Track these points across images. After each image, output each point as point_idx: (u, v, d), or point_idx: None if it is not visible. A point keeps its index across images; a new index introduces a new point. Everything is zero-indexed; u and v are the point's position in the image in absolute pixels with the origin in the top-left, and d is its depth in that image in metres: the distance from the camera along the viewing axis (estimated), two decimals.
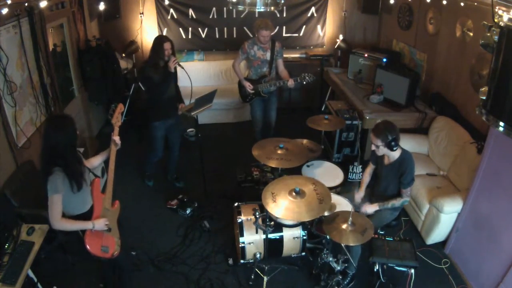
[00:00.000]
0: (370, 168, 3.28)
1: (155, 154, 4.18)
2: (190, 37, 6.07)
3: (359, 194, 3.20)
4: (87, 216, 2.42)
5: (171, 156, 4.32)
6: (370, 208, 2.95)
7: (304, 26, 6.14)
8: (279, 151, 3.26)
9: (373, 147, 2.88)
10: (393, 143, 2.77)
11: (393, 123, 2.87)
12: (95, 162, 2.69)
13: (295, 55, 6.40)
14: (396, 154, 2.91)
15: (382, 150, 2.86)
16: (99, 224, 2.37)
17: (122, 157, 4.59)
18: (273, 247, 3.15)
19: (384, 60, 5.10)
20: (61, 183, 2.22)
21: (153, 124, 3.91)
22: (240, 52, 4.38)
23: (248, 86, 4.38)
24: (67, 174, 2.25)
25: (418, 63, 5.02)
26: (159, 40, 3.63)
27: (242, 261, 3.24)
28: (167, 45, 3.60)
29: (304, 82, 4.19)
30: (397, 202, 2.92)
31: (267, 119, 4.73)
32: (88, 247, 2.32)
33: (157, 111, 3.86)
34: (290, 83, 4.23)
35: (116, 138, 2.63)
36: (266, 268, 3.12)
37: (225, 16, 5.94)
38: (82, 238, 2.34)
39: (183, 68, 3.71)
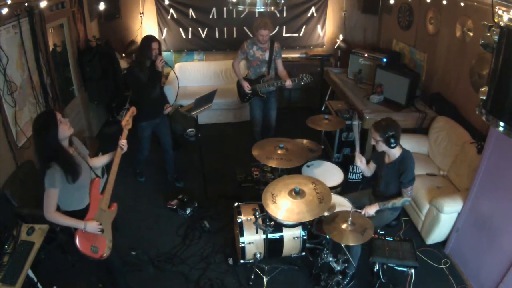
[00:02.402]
0: (371, 166, 3.24)
1: (142, 153, 4.22)
2: (190, 37, 6.07)
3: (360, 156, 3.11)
4: (83, 213, 2.40)
5: (166, 156, 4.32)
6: (371, 209, 2.94)
7: (304, 26, 6.14)
8: (279, 151, 3.26)
9: (373, 142, 2.90)
10: (391, 139, 2.77)
11: (395, 120, 2.87)
12: (99, 162, 2.67)
13: (295, 55, 6.40)
14: (396, 153, 2.90)
15: (381, 146, 2.86)
16: (92, 226, 2.34)
17: (123, 158, 4.61)
18: (273, 247, 3.16)
19: (384, 60, 5.09)
20: (59, 178, 2.22)
21: (140, 124, 3.91)
22: (240, 52, 4.39)
23: (247, 87, 4.39)
24: (63, 167, 2.24)
25: (418, 63, 5.02)
26: (147, 40, 3.65)
27: (242, 261, 3.24)
28: (155, 45, 3.61)
29: (302, 83, 4.19)
30: (397, 202, 2.91)
31: (267, 120, 4.72)
32: (77, 244, 2.29)
33: (143, 111, 3.85)
34: (288, 83, 4.23)
35: (123, 141, 2.60)
36: (266, 268, 3.12)
37: (225, 16, 5.95)
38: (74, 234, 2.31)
39: (170, 66, 3.74)
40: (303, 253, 3.27)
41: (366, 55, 5.34)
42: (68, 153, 2.34)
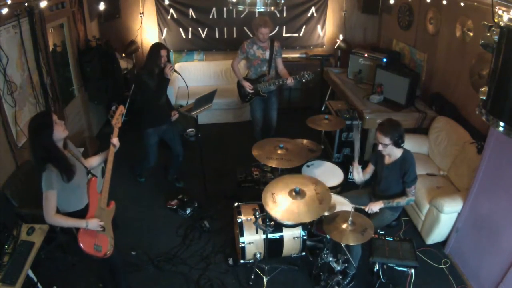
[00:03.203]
0: (369, 168, 3.26)
1: (148, 161, 4.17)
2: (190, 37, 6.07)
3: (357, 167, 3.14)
4: (82, 213, 2.42)
5: (176, 161, 4.29)
6: (376, 206, 2.93)
7: (304, 26, 6.14)
8: (279, 151, 3.26)
9: (381, 147, 2.86)
10: (400, 140, 2.77)
11: (396, 120, 2.87)
12: (94, 162, 2.70)
13: (295, 55, 6.40)
14: (398, 153, 2.90)
15: (389, 149, 2.85)
16: (93, 223, 2.37)
17: (122, 157, 4.61)
18: (273, 247, 3.16)
19: (384, 60, 5.10)
20: (55, 179, 2.23)
21: (147, 131, 3.90)
22: (239, 52, 4.38)
23: (248, 86, 4.38)
24: (58, 166, 2.26)
25: (418, 63, 5.02)
26: (156, 47, 3.67)
27: (242, 261, 3.24)
28: (163, 52, 3.64)
29: (303, 80, 4.19)
30: (402, 201, 2.91)
31: (268, 120, 4.72)
32: (81, 244, 2.32)
33: (151, 117, 3.86)
34: (290, 81, 4.23)
35: (115, 140, 2.66)
36: (266, 268, 3.12)
37: (225, 16, 5.95)
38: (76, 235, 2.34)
39: (179, 74, 3.80)
40: (303, 253, 3.28)
41: (366, 55, 5.34)
42: (63, 153, 2.36)
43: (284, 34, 6.15)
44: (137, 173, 4.51)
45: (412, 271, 2.82)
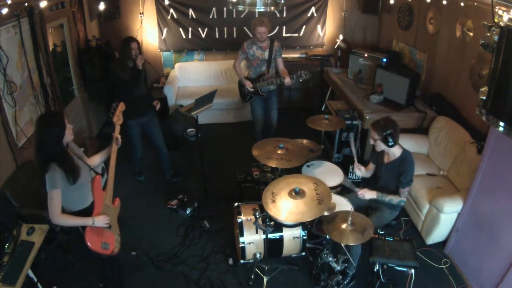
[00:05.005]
0: (371, 166, 3.27)
1: (135, 152, 4.26)
2: (190, 37, 6.07)
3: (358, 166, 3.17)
4: (87, 212, 2.43)
5: (161, 155, 4.36)
6: (368, 194, 2.94)
7: (304, 26, 6.14)
8: (279, 151, 3.26)
9: (371, 141, 2.91)
10: (389, 138, 2.77)
11: (393, 120, 2.88)
12: (96, 160, 2.71)
13: (295, 55, 6.41)
14: (396, 153, 2.91)
15: (380, 145, 2.87)
16: (99, 221, 2.38)
17: (122, 157, 4.62)
18: (273, 247, 3.16)
19: (384, 60, 5.10)
20: (59, 178, 2.24)
21: (127, 123, 3.95)
22: (240, 52, 4.40)
23: (248, 85, 4.40)
24: (64, 168, 2.26)
25: (418, 63, 5.02)
26: (126, 41, 3.76)
27: (242, 261, 3.24)
28: (133, 45, 3.73)
29: (301, 79, 4.19)
30: (395, 199, 2.91)
31: (268, 119, 4.73)
32: (88, 243, 2.33)
33: (129, 110, 3.88)
34: (287, 80, 4.25)
35: (118, 136, 2.66)
36: (266, 268, 3.12)
37: (225, 16, 5.95)
38: (83, 234, 2.34)
39: (150, 64, 3.92)
40: (303, 253, 3.27)
41: (366, 55, 5.34)
42: (68, 154, 2.37)
43: (284, 34, 6.15)
44: (136, 170, 4.52)
45: (412, 271, 2.82)
